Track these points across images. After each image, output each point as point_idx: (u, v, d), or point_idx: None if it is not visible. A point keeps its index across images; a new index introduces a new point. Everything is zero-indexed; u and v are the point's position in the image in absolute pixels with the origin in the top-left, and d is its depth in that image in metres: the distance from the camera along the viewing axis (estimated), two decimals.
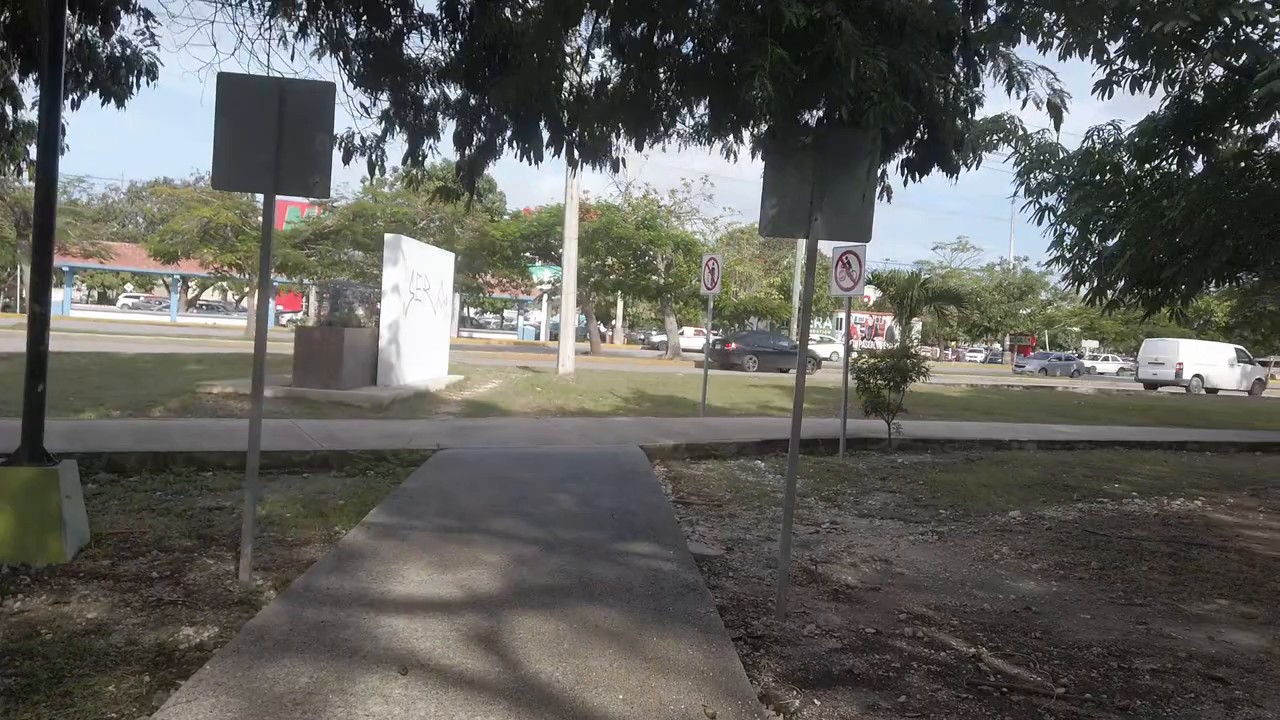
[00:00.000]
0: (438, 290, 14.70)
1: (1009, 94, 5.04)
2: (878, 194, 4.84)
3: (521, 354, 32.10)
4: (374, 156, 5.66)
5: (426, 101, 5.95)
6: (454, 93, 5.84)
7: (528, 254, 37.28)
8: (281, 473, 7.73)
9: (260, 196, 26.60)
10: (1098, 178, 6.98)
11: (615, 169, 6.39)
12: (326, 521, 5.94)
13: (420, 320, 13.75)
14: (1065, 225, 7.27)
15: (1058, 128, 4.91)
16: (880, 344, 61.59)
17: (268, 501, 6.46)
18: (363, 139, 5.61)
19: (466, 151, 5.83)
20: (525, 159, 5.93)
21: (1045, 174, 7.71)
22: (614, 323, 61.95)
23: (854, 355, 10.95)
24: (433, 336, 14.72)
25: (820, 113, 4.70)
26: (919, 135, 5.14)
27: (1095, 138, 7.05)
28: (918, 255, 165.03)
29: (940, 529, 7.15)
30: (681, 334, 44.40)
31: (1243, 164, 6.27)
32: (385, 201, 31.25)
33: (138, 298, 72.27)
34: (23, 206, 30.17)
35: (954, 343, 76.69)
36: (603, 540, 5.14)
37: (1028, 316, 67.96)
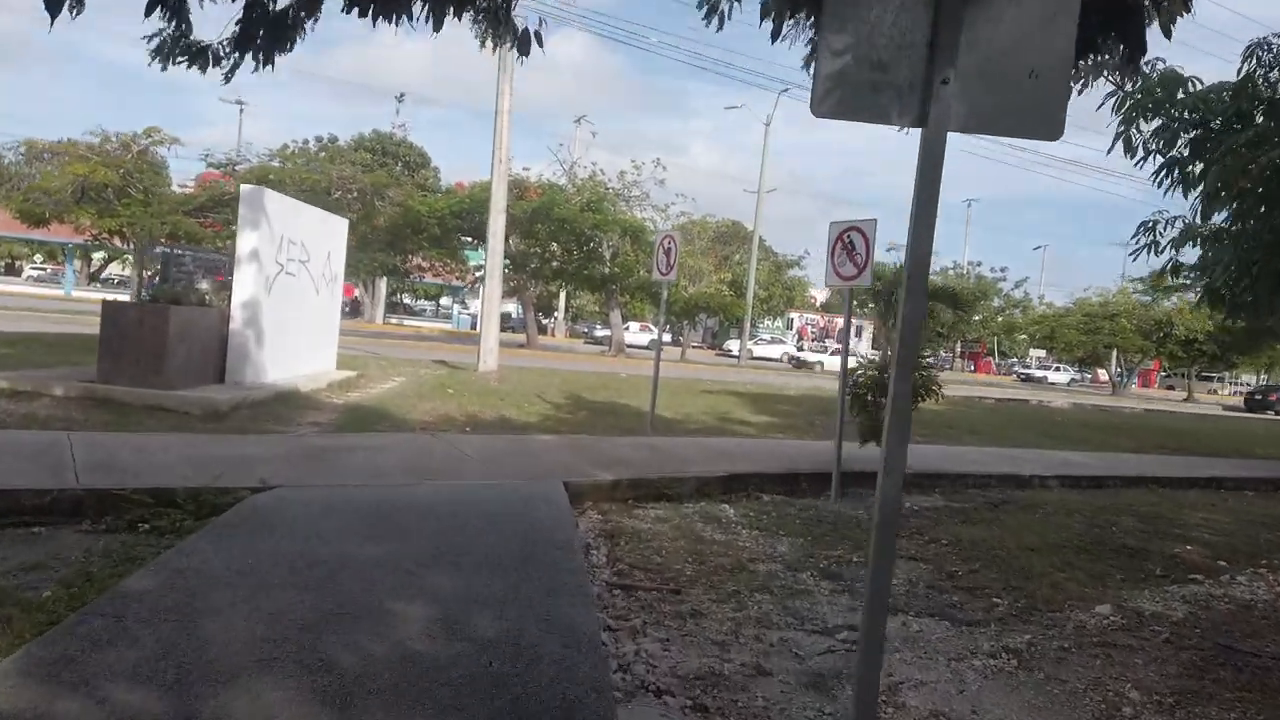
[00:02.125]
0: (322, 264, 11.92)
1: None
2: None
3: (450, 346, 29.26)
4: None
5: None
6: None
7: (461, 235, 34.24)
8: None
9: (156, 152, 23.09)
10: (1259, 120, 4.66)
11: (523, 48, 3.84)
12: None
13: (294, 299, 10.97)
14: (1201, 196, 4.93)
15: None
16: (832, 347, 60.07)
17: None
18: None
19: None
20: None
21: (1160, 119, 5.35)
22: (555, 315, 59.12)
23: (853, 365, 8.57)
24: (314, 321, 11.94)
25: None
26: None
27: (1259, 55, 4.73)
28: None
29: (1010, 639, 4.77)
30: (626, 329, 41.90)
31: None
32: (295, 167, 27.94)
33: (44, 269, 67.34)
34: None
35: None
36: None
37: (979, 323, 66.98)
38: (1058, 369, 68.09)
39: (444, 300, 71.42)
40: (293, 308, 10.91)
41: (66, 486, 5.36)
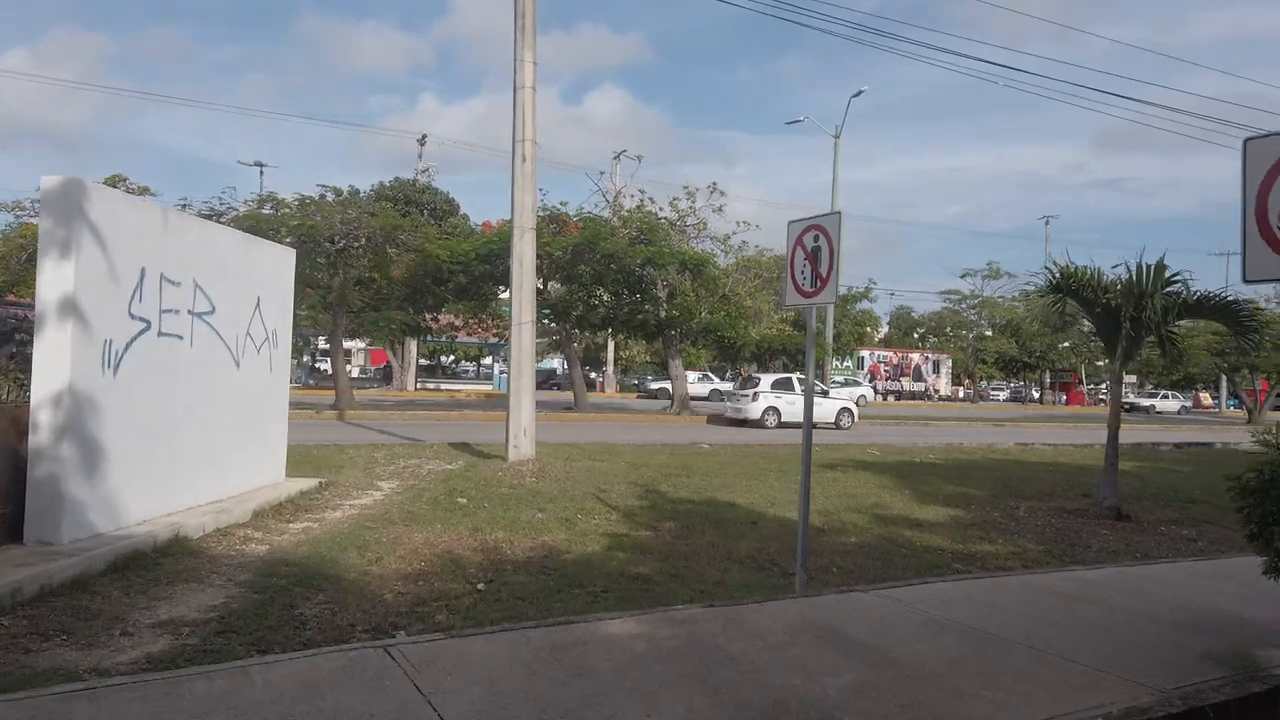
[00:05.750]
0: (246, 316, 7.71)
1: None
2: None
3: (483, 414, 25.03)
4: None
5: None
6: None
7: (493, 283, 30.08)
8: None
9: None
10: None
11: None
12: None
13: (184, 378, 6.77)
14: None
15: None
16: (910, 387, 54.41)
17: None
18: None
19: None
20: None
21: None
22: (605, 368, 54.76)
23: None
24: (237, 409, 7.70)
25: None
26: None
27: None
28: (934, 287, 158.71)
29: None
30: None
31: None
32: (288, 214, 24.06)
33: None
34: None
35: (971, 380, 69.30)
36: None
37: (1069, 349, 61.29)
38: (1165, 396, 62.24)
39: (486, 360, 67.71)
40: (182, 391, 6.70)
41: None
